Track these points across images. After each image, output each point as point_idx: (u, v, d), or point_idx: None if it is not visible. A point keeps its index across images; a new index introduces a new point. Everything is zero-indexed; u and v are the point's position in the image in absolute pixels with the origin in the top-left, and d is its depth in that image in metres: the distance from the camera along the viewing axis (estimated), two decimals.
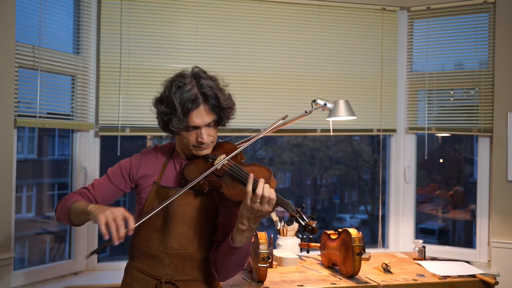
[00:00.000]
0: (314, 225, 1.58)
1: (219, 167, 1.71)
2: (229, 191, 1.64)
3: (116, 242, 1.47)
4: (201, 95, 1.67)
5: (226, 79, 1.79)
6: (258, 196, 1.53)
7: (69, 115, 2.89)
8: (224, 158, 1.74)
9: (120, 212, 1.50)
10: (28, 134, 2.89)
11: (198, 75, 1.71)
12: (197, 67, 1.76)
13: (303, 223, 1.59)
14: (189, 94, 1.65)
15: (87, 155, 2.97)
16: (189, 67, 1.80)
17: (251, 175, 1.57)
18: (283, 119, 1.92)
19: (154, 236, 1.75)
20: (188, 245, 1.74)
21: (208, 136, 1.72)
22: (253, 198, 1.53)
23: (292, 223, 1.61)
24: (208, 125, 1.71)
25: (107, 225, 1.47)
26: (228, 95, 1.76)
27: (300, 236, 1.62)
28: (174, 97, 1.65)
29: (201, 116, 1.68)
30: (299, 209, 1.62)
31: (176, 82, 1.69)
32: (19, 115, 2.59)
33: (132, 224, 1.50)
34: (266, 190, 1.53)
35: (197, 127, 1.70)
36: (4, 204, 2.48)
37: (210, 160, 1.76)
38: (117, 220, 1.47)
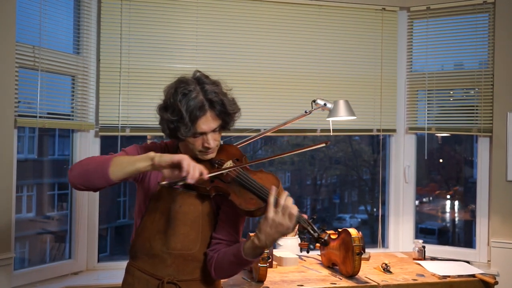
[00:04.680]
0: (326, 238, 1.57)
1: (228, 173, 1.70)
2: (238, 200, 1.63)
3: (191, 181, 1.51)
4: (207, 101, 1.65)
5: (226, 79, 1.77)
6: (280, 205, 1.54)
7: (69, 115, 2.89)
8: (231, 164, 1.73)
9: (194, 161, 1.55)
10: (29, 134, 2.89)
11: (201, 81, 1.68)
12: (199, 71, 1.73)
13: (315, 235, 1.59)
14: (196, 102, 1.62)
15: (87, 155, 2.97)
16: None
17: (274, 187, 1.57)
18: (325, 144, 1.90)
19: (157, 237, 1.76)
20: (190, 246, 1.74)
21: (214, 141, 1.71)
22: (275, 210, 1.54)
23: (304, 235, 1.61)
24: (213, 130, 1.70)
25: (189, 164, 1.51)
26: (232, 99, 1.74)
27: (312, 247, 1.62)
28: (180, 104, 1.62)
29: (208, 122, 1.66)
30: (310, 220, 1.61)
31: (181, 89, 1.65)
32: (19, 115, 2.59)
33: (206, 173, 1.56)
34: (288, 200, 1.55)
35: (203, 133, 1.68)
36: (5, 204, 2.49)
37: (216, 165, 1.75)
38: (195, 162, 1.53)
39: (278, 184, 1.63)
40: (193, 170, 1.51)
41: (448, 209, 4.46)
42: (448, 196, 4.24)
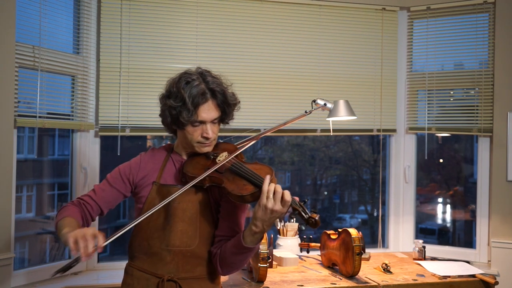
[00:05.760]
0: (317, 218, 1.61)
1: (224, 163, 1.74)
2: (231, 186, 1.67)
3: (84, 259, 1.45)
4: (209, 90, 1.73)
5: (226, 79, 1.83)
6: (271, 192, 1.57)
7: (69, 115, 2.89)
8: (227, 155, 1.77)
9: (90, 230, 1.49)
10: (28, 134, 2.89)
11: (204, 74, 1.77)
12: (200, 68, 1.80)
13: (305, 216, 1.63)
14: (198, 89, 1.70)
15: (87, 155, 2.97)
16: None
17: (268, 175, 1.61)
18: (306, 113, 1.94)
19: (155, 235, 1.76)
20: (189, 242, 1.75)
21: (212, 132, 1.76)
22: (267, 196, 1.57)
23: (295, 216, 1.64)
24: (212, 121, 1.76)
25: (76, 243, 1.45)
26: (232, 92, 1.81)
27: (304, 228, 1.65)
28: (184, 91, 1.70)
29: (208, 111, 1.73)
30: (302, 203, 1.66)
31: (185, 78, 1.73)
32: (19, 115, 2.59)
33: (102, 241, 1.48)
34: (278, 186, 1.58)
35: (203, 122, 1.74)
36: (4, 204, 2.48)
37: (212, 157, 1.79)
38: (87, 237, 1.46)
39: (272, 174, 1.66)
40: (83, 247, 1.44)
41: (448, 209, 4.46)
42: (448, 196, 4.24)
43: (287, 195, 1.58)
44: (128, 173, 1.84)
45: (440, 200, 4.29)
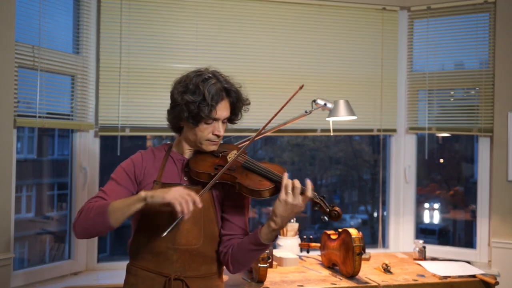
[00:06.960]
0: (339, 210, 1.67)
1: (238, 160, 1.76)
2: (246, 181, 1.70)
3: (187, 217, 1.54)
4: (224, 89, 1.77)
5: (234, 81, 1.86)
6: (290, 187, 1.63)
7: (68, 115, 2.89)
8: (236, 152, 1.81)
9: (184, 190, 1.56)
10: (28, 134, 2.89)
11: (216, 73, 1.80)
12: (208, 68, 1.83)
13: (327, 209, 1.68)
14: (216, 87, 1.74)
15: (87, 155, 2.97)
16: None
17: (285, 173, 1.68)
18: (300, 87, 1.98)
19: (159, 234, 1.75)
20: (194, 241, 1.76)
21: (222, 130, 1.80)
22: (286, 191, 1.63)
23: (317, 209, 1.70)
24: (223, 120, 1.79)
25: (179, 204, 1.53)
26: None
27: (327, 219, 1.69)
28: (203, 87, 1.72)
29: (223, 109, 1.77)
30: (321, 197, 1.71)
31: (200, 75, 1.76)
32: (18, 115, 2.59)
33: (198, 198, 1.56)
34: (297, 181, 1.65)
35: (216, 120, 1.77)
36: (4, 204, 2.48)
37: (220, 155, 1.82)
38: (185, 196, 1.54)
39: (286, 170, 1.72)
40: (187, 206, 1.53)
41: (448, 209, 4.45)
42: (449, 196, 4.23)
43: (309, 190, 1.64)
44: (132, 170, 1.82)
45: (440, 200, 4.29)
